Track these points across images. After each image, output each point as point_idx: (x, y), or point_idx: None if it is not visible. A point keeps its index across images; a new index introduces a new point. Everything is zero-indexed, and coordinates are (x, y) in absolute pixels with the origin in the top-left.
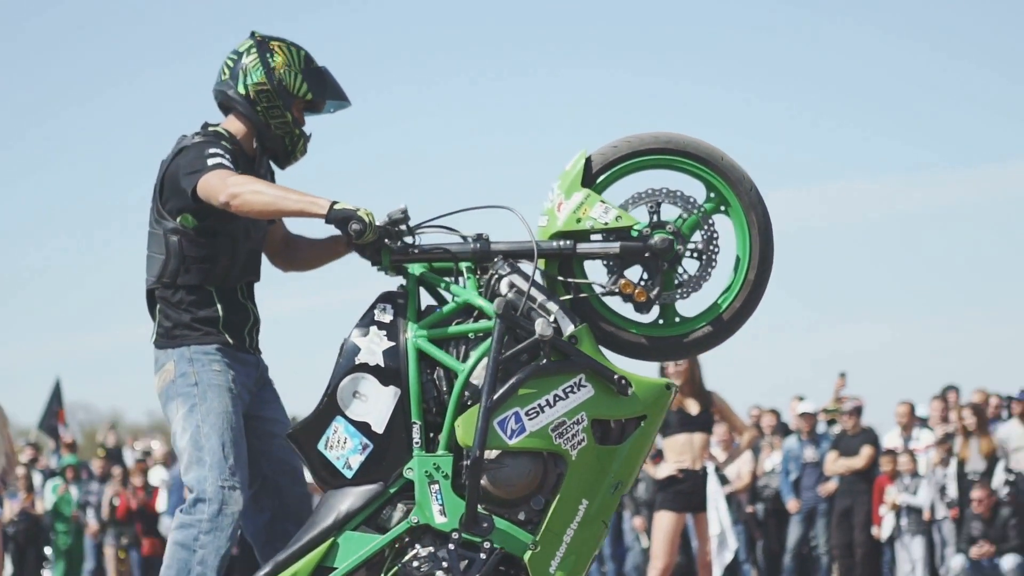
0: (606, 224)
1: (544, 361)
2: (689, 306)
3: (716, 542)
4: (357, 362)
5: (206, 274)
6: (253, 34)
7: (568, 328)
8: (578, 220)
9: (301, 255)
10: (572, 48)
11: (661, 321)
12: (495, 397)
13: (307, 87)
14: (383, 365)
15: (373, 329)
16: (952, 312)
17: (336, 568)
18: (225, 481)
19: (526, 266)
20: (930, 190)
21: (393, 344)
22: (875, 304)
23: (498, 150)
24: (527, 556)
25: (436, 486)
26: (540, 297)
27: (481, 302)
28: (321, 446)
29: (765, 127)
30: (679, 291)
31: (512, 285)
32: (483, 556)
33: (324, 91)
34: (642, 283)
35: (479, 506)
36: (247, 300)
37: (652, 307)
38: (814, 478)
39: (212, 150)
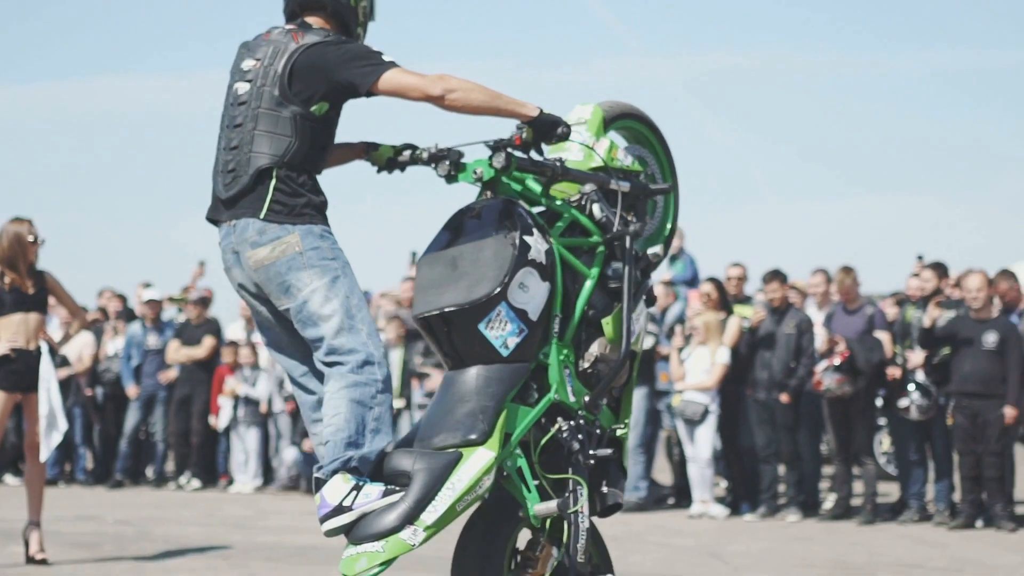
0: (627, 166)
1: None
2: None
3: (45, 423)
4: (529, 258)
5: (317, 161)
6: None
7: None
8: (612, 159)
9: None
10: None
11: None
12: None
13: (374, 11)
14: (543, 263)
15: (536, 231)
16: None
17: (512, 433)
18: (382, 349)
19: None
20: None
21: (548, 246)
22: None
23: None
24: (621, 434)
25: (567, 371)
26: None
27: (588, 223)
28: (482, 326)
29: None
30: (648, 226)
31: (602, 211)
32: (598, 432)
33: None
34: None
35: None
36: None
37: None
38: (156, 365)
39: (375, 48)
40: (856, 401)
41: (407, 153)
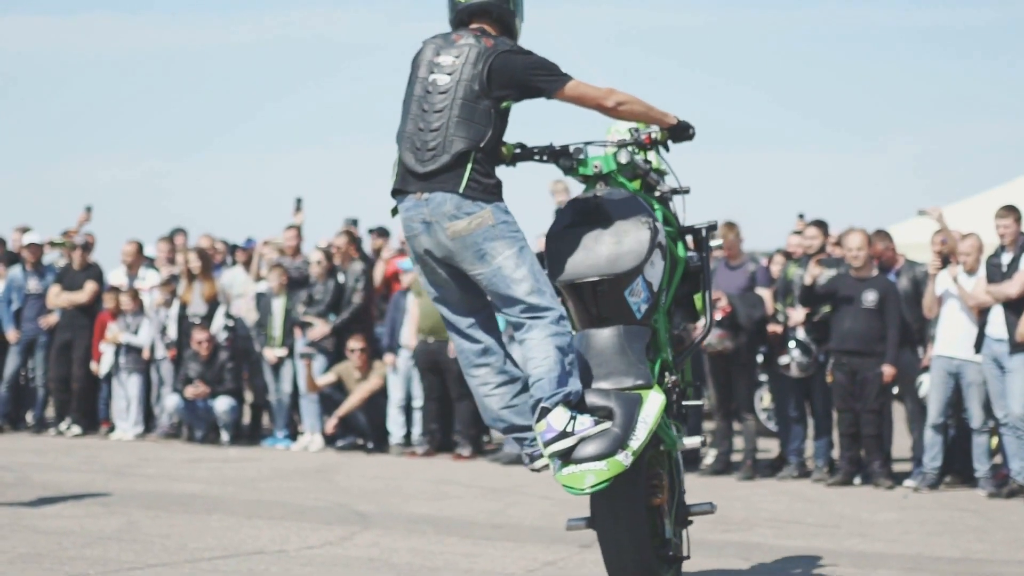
0: (655, 164)
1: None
2: None
3: None
4: (658, 241)
5: (500, 148)
6: None
7: None
8: (660, 161)
9: None
10: None
11: None
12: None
13: (522, 12)
14: (663, 244)
15: (660, 219)
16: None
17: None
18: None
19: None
20: None
21: (663, 232)
22: (128, 143)
23: None
24: (690, 391)
25: (667, 335)
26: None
27: (671, 216)
28: (627, 293)
29: None
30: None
31: (672, 208)
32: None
33: None
34: None
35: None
36: None
37: None
38: (36, 309)
39: (553, 61)
40: (737, 357)
41: (529, 150)
